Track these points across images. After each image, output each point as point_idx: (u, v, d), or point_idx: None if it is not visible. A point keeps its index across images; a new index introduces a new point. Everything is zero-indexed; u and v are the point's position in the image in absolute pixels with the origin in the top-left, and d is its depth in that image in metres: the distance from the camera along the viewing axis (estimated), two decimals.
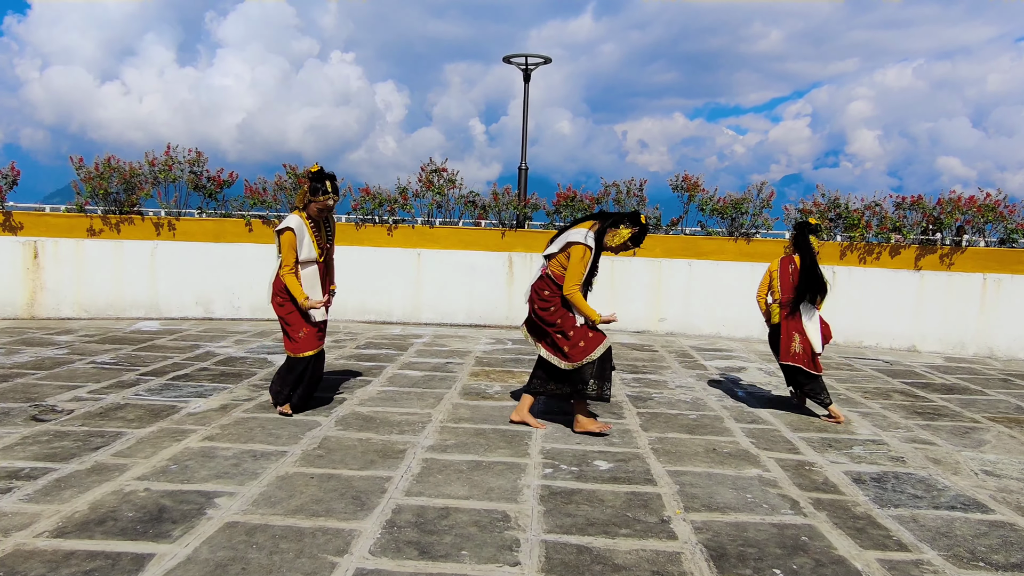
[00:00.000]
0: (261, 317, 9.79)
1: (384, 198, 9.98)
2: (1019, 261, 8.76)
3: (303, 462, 4.03)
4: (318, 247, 5.09)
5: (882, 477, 4.13)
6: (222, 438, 4.42)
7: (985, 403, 6.18)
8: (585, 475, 3.98)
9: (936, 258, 9.04)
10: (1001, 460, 4.54)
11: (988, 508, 3.70)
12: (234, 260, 9.83)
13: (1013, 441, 4.99)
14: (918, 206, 9.15)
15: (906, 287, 9.13)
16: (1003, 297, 8.83)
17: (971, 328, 8.92)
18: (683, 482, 3.92)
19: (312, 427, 4.73)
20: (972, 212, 8.84)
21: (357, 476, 3.84)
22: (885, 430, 5.16)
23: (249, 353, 7.31)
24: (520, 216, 10.29)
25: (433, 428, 4.81)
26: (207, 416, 4.90)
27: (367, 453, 4.23)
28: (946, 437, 5.03)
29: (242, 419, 4.86)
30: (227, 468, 3.89)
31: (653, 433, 4.88)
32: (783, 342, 5.47)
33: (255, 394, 5.57)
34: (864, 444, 4.79)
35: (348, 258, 9.91)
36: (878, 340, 9.20)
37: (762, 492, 3.81)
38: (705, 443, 4.69)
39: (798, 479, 4.04)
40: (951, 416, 5.66)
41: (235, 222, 9.88)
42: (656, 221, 10.02)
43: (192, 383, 5.87)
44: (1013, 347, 8.78)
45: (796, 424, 5.24)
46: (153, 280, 9.70)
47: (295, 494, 3.55)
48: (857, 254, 9.32)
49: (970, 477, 4.19)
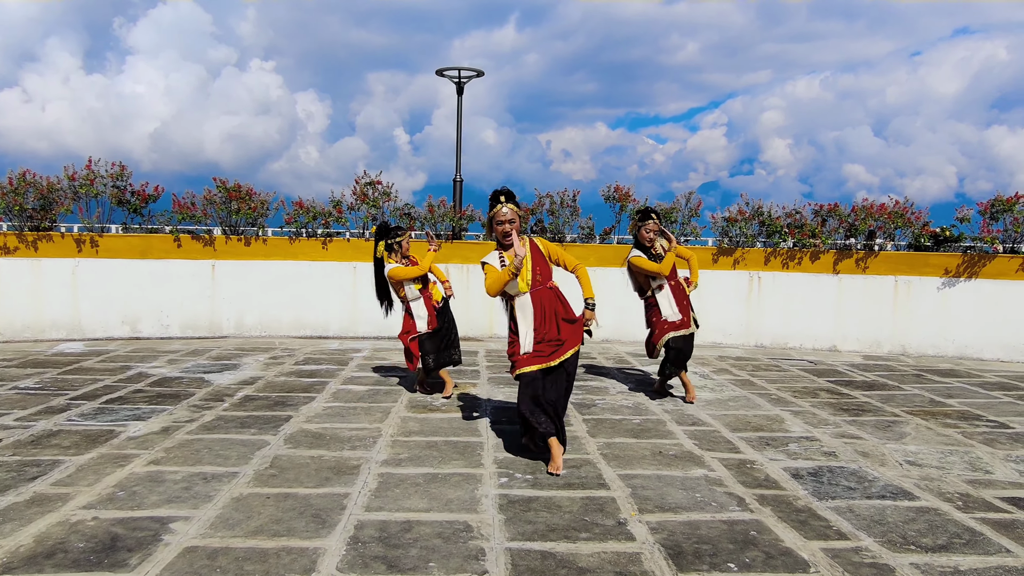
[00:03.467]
0: (192, 335, 9.52)
1: (318, 211, 9.87)
2: (927, 264, 9.37)
3: (257, 482, 3.98)
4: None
5: (818, 472, 4.38)
6: (168, 461, 4.31)
7: (903, 398, 6.60)
8: (540, 483, 4.08)
9: (852, 262, 9.58)
10: (921, 450, 4.88)
11: (914, 496, 3.98)
12: (163, 277, 9.53)
13: (930, 432, 5.36)
14: (835, 213, 9.68)
15: (826, 290, 9.64)
16: (913, 298, 9.43)
17: (886, 328, 9.48)
18: (635, 485, 4.06)
19: (261, 446, 4.66)
20: (883, 218, 9.41)
21: (314, 494, 3.82)
22: (816, 427, 5.46)
23: (184, 373, 7.11)
24: (456, 228, 10.35)
25: (385, 442, 4.82)
26: (149, 440, 4.77)
27: (321, 470, 4.21)
28: (871, 431, 5.36)
29: (187, 441, 4.74)
30: (178, 492, 3.80)
31: (601, 439, 5.02)
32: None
33: (196, 415, 5.44)
34: (799, 441, 5.06)
35: (282, 272, 9.76)
36: (802, 341, 9.67)
37: (710, 491, 3.98)
38: (651, 446, 4.86)
39: (741, 477, 4.24)
40: (874, 411, 6.02)
41: (163, 238, 9.58)
42: (590, 231, 10.26)
43: (128, 406, 5.68)
44: (923, 344, 9.38)
45: (734, 424, 5.48)
46: (75, 299, 9.30)
47: (253, 515, 3.51)
48: (780, 260, 9.78)
49: (896, 468, 4.48)
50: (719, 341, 9.80)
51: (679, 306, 6.16)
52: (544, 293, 4.37)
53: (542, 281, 4.39)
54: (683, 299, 6.18)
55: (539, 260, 4.41)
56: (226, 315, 9.72)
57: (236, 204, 9.56)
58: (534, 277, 4.36)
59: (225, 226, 9.76)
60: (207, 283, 9.66)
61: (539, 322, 4.32)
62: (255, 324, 9.78)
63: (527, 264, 4.34)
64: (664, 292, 6.18)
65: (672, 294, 6.17)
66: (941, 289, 9.34)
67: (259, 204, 9.70)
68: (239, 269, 9.73)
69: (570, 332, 4.36)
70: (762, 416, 5.78)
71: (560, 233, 10.23)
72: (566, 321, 4.37)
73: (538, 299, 4.34)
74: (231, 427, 5.11)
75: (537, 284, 4.38)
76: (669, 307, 6.17)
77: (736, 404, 6.20)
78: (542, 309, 4.33)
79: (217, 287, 9.68)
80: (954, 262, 9.27)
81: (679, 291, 6.19)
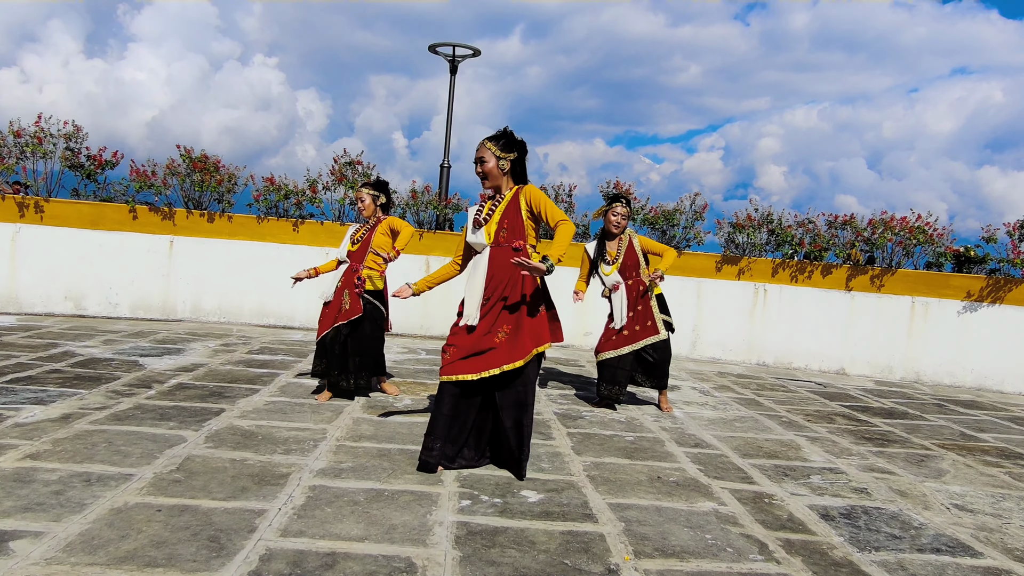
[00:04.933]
0: (142, 316, 8.65)
1: (290, 190, 9.04)
2: (947, 285, 8.64)
3: (152, 489, 3.14)
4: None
5: (851, 512, 3.58)
6: (50, 456, 3.46)
7: (929, 429, 5.82)
8: (511, 508, 3.26)
9: (867, 279, 8.83)
10: (968, 492, 4.09)
11: (975, 551, 3.19)
12: (115, 250, 8.66)
13: (971, 471, 4.58)
14: (850, 225, 8.93)
15: (837, 308, 8.88)
16: (930, 321, 8.68)
17: (899, 352, 8.72)
18: (628, 518, 3.24)
19: (175, 443, 3.82)
20: (904, 232, 8.67)
21: (220, 509, 2.99)
22: (839, 457, 4.66)
23: (117, 355, 6.24)
24: (440, 217, 9.54)
25: (327, 447, 3.99)
26: (40, 428, 3.91)
27: (239, 478, 3.37)
28: (903, 466, 4.57)
29: (85, 432, 3.89)
30: (44, 497, 2.96)
31: (587, 457, 4.21)
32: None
33: (111, 401, 4.59)
34: (821, 473, 4.26)
35: (247, 254, 8.91)
36: (808, 361, 8.90)
37: (722, 532, 3.18)
38: (648, 469, 4.05)
39: (760, 515, 3.43)
40: (901, 442, 5.24)
41: (117, 207, 8.71)
42: (585, 229, 9.47)
43: (34, 387, 4.82)
44: (939, 372, 8.63)
45: (743, 449, 4.69)
46: (12, 269, 8.42)
47: (129, 534, 2.67)
48: (789, 272, 9.01)
49: (943, 512, 3.69)
50: (718, 356, 9.01)
51: (631, 310, 5.44)
52: (505, 254, 3.64)
53: (507, 239, 3.65)
54: (639, 303, 5.46)
55: (512, 214, 3.69)
56: (182, 297, 8.84)
57: (199, 175, 8.70)
58: (498, 232, 3.67)
59: (188, 200, 8.91)
60: (163, 260, 8.79)
61: (491, 290, 3.64)
62: (213, 309, 8.91)
63: (494, 216, 3.69)
64: (618, 293, 5.47)
65: (626, 295, 5.45)
66: (961, 313, 8.59)
67: (226, 178, 8.85)
68: (200, 247, 8.87)
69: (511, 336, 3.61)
70: (775, 441, 4.98)
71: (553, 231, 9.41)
72: (508, 309, 3.62)
73: (496, 258, 3.65)
74: (147, 418, 4.26)
75: (501, 241, 3.66)
76: (619, 312, 5.47)
77: (743, 425, 5.41)
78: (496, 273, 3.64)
79: (174, 265, 8.82)
80: (977, 285, 8.54)
81: (634, 292, 5.47)
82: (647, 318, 5.46)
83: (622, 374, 5.47)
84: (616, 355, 5.43)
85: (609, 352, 5.46)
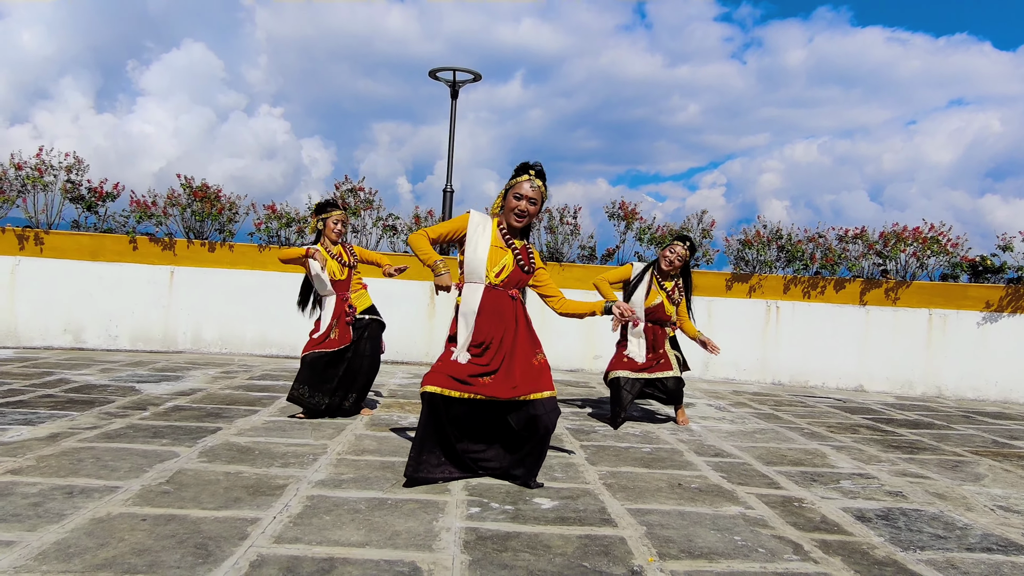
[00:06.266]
0: (142, 348, 8.47)
1: (291, 217, 8.93)
2: (965, 296, 8.42)
3: (138, 500, 2.93)
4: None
5: (889, 514, 3.33)
6: (32, 472, 3.26)
7: (958, 437, 5.56)
8: (523, 515, 3.03)
9: (882, 292, 8.62)
10: (1011, 495, 3.83)
11: None
12: (114, 282, 8.52)
13: (1011, 475, 4.32)
14: (861, 238, 8.75)
15: (852, 323, 8.64)
16: (949, 334, 8.44)
17: (919, 366, 8.46)
18: (650, 522, 3.01)
19: (166, 458, 3.61)
20: (917, 244, 8.49)
21: (210, 518, 2.77)
22: (867, 463, 4.41)
23: (113, 381, 6.05)
24: None
25: (328, 460, 3.77)
26: (25, 446, 3.71)
27: (232, 489, 3.16)
28: (937, 471, 4.32)
29: (72, 449, 3.69)
30: (21, 508, 2.75)
31: (603, 467, 3.98)
32: None
33: (103, 422, 4.39)
34: (851, 478, 4.01)
35: (249, 283, 8.76)
36: (824, 379, 8.63)
37: (752, 533, 2.94)
38: (667, 477, 3.81)
39: (790, 517, 3.19)
40: (931, 450, 4.98)
41: (117, 238, 8.61)
42: (591, 251, 9.31)
43: (24, 409, 4.63)
44: (961, 386, 8.35)
45: (766, 457, 4.44)
46: (11, 302, 8.28)
47: (109, 542, 2.46)
48: (801, 288, 8.81)
49: (988, 514, 3.44)
50: (731, 377, 8.76)
51: (648, 350, 5.28)
52: (503, 297, 3.46)
53: (507, 284, 3.46)
54: (659, 345, 5.32)
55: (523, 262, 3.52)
56: (183, 328, 8.67)
57: (200, 204, 8.61)
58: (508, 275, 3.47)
59: (189, 230, 8.80)
60: (164, 291, 8.65)
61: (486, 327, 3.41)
62: (215, 339, 8.73)
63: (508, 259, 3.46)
64: (637, 331, 5.28)
65: (646, 336, 5.30)
66: (981, 324, 8.35)
67: (227, 207, 8.75)
68: (201, 277, 8.73)
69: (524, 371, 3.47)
70: (798, 450, 4.74)
71: (559, 252, 9.27)
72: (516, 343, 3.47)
73: (492, 300, 3.43)
74: (139, 437, 4.06)
75: (502, 284, 3.45)
76: (637, 348, 5.28)
77: (764, 436, 5.16)
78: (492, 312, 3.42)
79: (175, 296, 8.66)
80: (996, 295, 8.31)
81: (657, 337, 5.33)
82: (661, 357, 5.29)
83: (628, 398, 5.23)
84: (629, 377, 5.21)
85: (621, 372, 5.22)
